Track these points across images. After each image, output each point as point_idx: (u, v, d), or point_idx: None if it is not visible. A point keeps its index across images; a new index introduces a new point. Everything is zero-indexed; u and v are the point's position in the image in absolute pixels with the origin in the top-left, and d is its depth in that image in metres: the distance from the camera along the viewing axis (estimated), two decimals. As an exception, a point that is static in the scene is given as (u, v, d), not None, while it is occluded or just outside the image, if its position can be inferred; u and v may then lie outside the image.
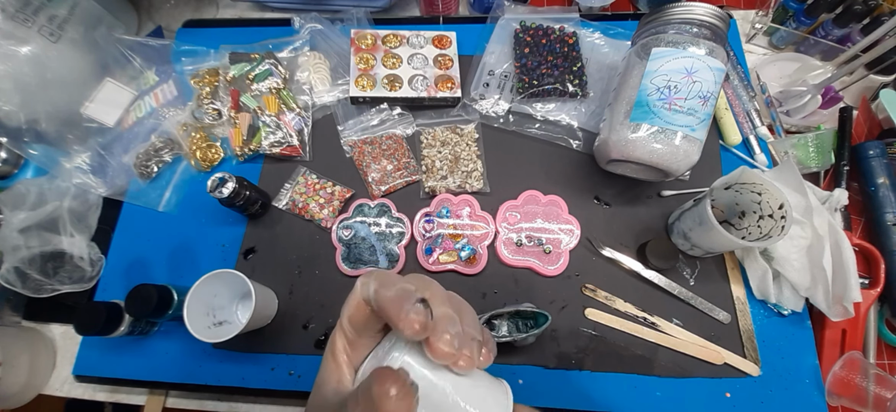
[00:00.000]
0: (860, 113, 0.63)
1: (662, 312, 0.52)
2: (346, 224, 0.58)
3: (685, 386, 0.50)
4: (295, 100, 0.64)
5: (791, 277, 0.49)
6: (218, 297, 0.50)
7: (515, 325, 0.48)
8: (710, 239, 0.48)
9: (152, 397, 0.55)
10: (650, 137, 0.48)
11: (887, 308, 0.53)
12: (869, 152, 0.57)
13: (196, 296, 0.46)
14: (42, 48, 0.59)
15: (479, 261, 0.55)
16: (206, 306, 0.49)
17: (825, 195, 0.53)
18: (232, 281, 0.48)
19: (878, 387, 0.47)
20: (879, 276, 0.52)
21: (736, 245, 0.47)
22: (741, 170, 0.47)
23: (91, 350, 0.55)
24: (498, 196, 0.59)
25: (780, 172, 0.52)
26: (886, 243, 0.53)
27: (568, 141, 0.62)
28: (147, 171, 0.63)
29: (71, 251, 0.56)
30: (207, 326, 0.48)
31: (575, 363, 0.51)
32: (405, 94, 0.64)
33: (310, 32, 0.70)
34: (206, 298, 0.48)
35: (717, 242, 0.48)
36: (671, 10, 0.50)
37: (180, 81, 0.68)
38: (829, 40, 0.64)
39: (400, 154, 0.61)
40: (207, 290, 0.48)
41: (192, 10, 0.80)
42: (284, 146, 0.62)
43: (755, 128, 0.61)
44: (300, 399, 0.52)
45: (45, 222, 0.55)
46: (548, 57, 0.65)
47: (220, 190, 0.51)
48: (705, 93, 0.47)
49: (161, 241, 0.60)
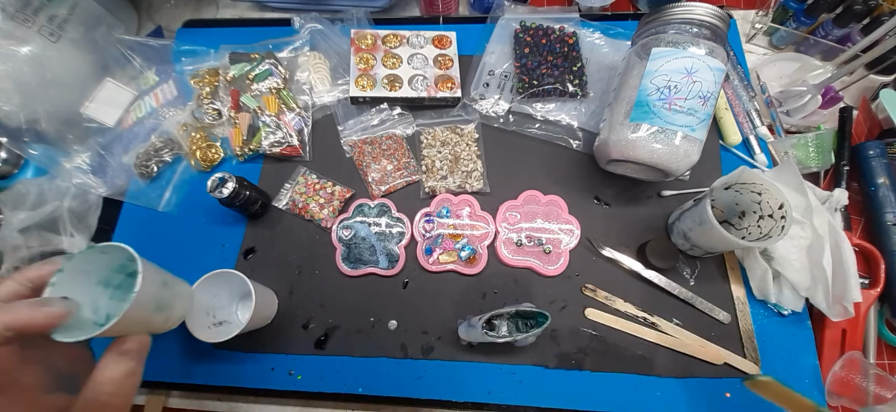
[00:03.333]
0: (860, 113, 0.63)
1: (662, 312, 0.52)
2: (346, 224, 0.58)
3: (685, 386, 0.50)
4: (295, 100, 0.64)
5: (791, 277, 0.49)
6: (218, 297, 0.50)
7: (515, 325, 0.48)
8: (710, 239, 0.48)
9: (152, 397, 0.54)
10: (650, 137, 0.48)
11: (887, 308, 0.53)
12: (869, 152, 0.57)
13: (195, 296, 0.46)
14: (42, 48, 0.59)
15: (479, 261, 0.55)
16: (206, 306, 0.49)
17: (825, 195, 0.53)
18: (232, 281, 0.48)
19: (878, 387, 0.47)
20: (879, 276, 0.52)
21: (736, 245, 0.47)
22: (741, 170, 0.47)
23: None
24: (498, 196, 0.59)
25: (779, 172, 0.52)
26: (886, 243, 0.53)
27: (568, 141, 0.62)
28: (147, 171, 0.63)
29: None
30: (207, 326, 0.48)
31: (575, 363, 0.51)
32: (405, 94, 0.64)
33: (310, 32, 0.70)
34: (206, 298, 0.48)
35: (717, 242, 0.48)
36: (671, 10, 0.50)
37: (180, 81, 0.68)
38: (829, 40, 0.64)
39: (400, 154, 0.61)
40: (207, 291, 0.48)
41: (192, 10, 0.80)
42: (284, 146, 0.62)
43: (755, 128, 0.61)
44: (300, 399, 0.52)
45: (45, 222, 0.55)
46: (548, 57, 0.65)
47: (220, 190, 0.51)
48: (705, 93, 0.47)
49: (161, 241, 0.60)
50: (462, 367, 0.51)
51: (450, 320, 0.53)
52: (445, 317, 0.53)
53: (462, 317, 0.52)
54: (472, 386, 0.51)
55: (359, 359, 0.52)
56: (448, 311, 0.54)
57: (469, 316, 0.50)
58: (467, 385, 0.51)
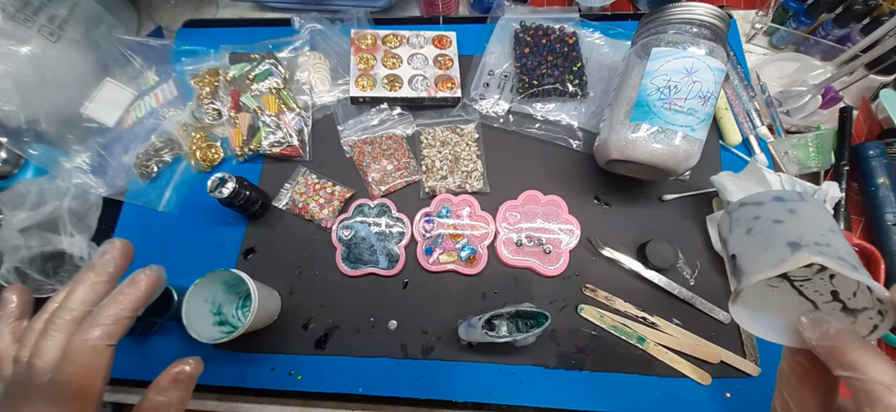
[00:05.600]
0: (860, 113, 0.63)
1: (662, 312, 0.53)
2: (346, 224, 0.58)
3: (685, 386, 0.50)
4: (295, 100, 0.64)
5: None
6: (218, 297, 0.50)
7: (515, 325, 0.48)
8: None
9: (152, 397, 0.54)
10: (650, 137, 0.48)
11: (887, 308, 0.53)
12: (869, 152, 0.57)
13: (195, 297, 0.46)
14: (42, 48, 0.59)
15: (479, 261, 0.55)
16: (206, 306, 0.49)
17: (813, 189, 0.52)
18: (233, 281, 0.48)
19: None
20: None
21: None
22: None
23: (91, 350, 0.55)
24: (498, 196, 0.59)
25: (747, 175, 0.52)
26: (886, 243, 0.53)
27: (568, 141, 0.62)
28: (147, 171, 0.63)
29: (71, 251, 0.56)
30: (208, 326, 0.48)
31: (575, 363, 0.51)
32: (405, 94, 0.64)
33: (310, 32, 0.70)
34: (206, 298, 0.48)
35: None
36: (671, 10, 0.50)
37: (180, 81, 0.68)
38: (829, 40, 0.64)
39: (400, 154, 0.61)
40: (207, 290, 0.48)
41: (192, 10, 0.80)
42: (284, 146, 0.62)
43: (755, 128, 0.61)
44: (300, 399, 0.52)
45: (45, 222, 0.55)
46: (548, 57, 0.65)
47: (220, 190, 0.51)
48: (705, 93, 0.47)
49: (161, 241, 0.60)
50: (462, 367, 0.51)
51: (450, 320, 0.53)
52: (445, 318, 0.53)
53: (462, 317, 0.52)
54: (472, 386, 0.51)
55: (359, 359, 0.52)
56: (448, 311, 0.54)
57: (469, 316, 0.50)
58: (467, 385, 0.51)
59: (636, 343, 0.51)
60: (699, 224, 0.57)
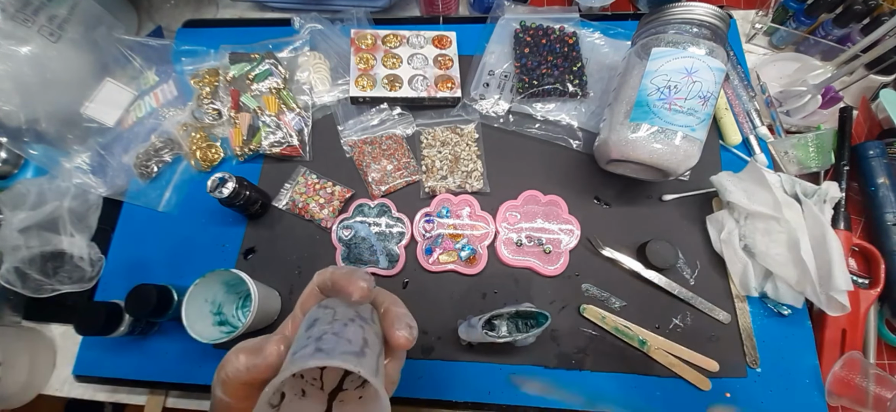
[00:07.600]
0: (860, 113, 0.63)
1: (662, 312, 0.53)
2: (346, 224, 0.58)
3: (685, 386, 0.50)
4: (295, 100, 0.64)
5: (778, 272, 0.49)
6: (218, 297, 0.50)
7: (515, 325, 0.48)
8: None
9: (152, 397, 0.55)
10: (650, 137, 0.48)
11: (887, 308, 0.53)
12: (869, 152, 0.57)
13: (195, 297, 0.46)
14: (42, 48, 0.59)
15: (479, 261, 0.55)
16: (206, 306, 0.49)
17: (813, 189, 0.52)
18: (233, 281, 0.48)
19: (878, 387, 0.47)
20: (879, 276, 0.52)
21: None
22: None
23: (91, 350, 0.55)
24: (498, 196, 0.59)
25: (747, 175, 0.53)
26: (886, 243, 0.53)
27: (568, 141, 0.62)
28: (147, 171, 0.63)
29: (71, 251, 0.56)
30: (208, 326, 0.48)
31: (575, 363, 0.51)
32: (405, 94, 0.64)
33: (310, 32, 0.70)
34: (206, 298, 0.48)
35: None
36: (671, 10, 0.50)
37: (180, 81, 0.68)
38: (829, 40, 0.64)
39: (400, 154, 0.61)
40: (207, 290, 0.48)
41: (192, 10, 0.80)
42: (284, 146, 0.62)
43: (755, 128, 0.61)
44: (300, 399, 0.52)
45: (45, 222, 0.55)
46: (548, 57, 0.65)
47: (220, 190, 0.51)
48: (705, 93, 0.47)
49: (161, 241, 0.60)
50: (462, 367, 0.51)
51: (450, 320, 0.53)
52: (445, 318, 0.53)
53: (462, 317, 0.52)
54: (472, 386, 0.51)
55: (359, 359, 0.52)
56: (448, 311, 0.54)
57: (469, 316, 0.50)
58: (467, 385, 0.51)
59: (638, 345, 0.51)
60: (699, 224, 0.57)
